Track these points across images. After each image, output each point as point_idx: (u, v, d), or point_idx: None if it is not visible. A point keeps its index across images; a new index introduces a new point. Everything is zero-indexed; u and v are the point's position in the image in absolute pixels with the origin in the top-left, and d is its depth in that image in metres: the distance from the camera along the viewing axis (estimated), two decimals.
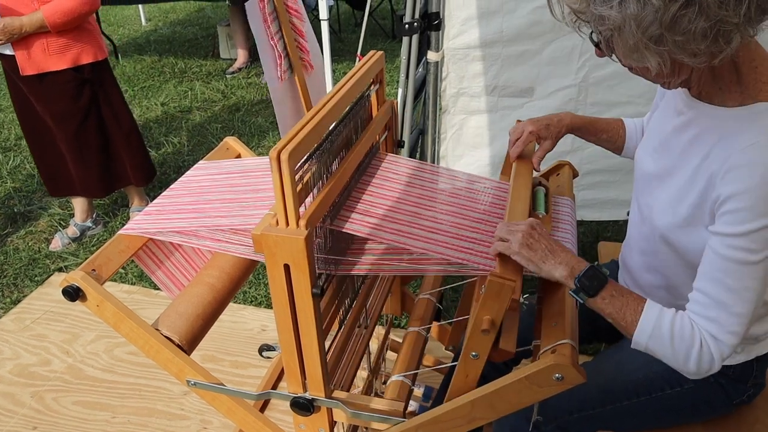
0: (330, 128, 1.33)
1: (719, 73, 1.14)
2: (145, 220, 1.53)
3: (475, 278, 1.33)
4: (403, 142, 2.24)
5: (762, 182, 1.05)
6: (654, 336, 1.14)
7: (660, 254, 1.32)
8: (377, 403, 1.39)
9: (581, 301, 1.17)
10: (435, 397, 1.83)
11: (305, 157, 1.24)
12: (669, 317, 1.14)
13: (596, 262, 1.20)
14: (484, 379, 1.63)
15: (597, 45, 1.15)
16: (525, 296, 1.13)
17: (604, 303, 1.16)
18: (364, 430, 1.70)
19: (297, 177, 1.19)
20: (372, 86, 1.58)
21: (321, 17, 3.39)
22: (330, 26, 3.57)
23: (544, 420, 1.40)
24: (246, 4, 2.19)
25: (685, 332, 1.13)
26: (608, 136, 1.59)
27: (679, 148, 1.25)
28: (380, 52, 1.58)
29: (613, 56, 1.16)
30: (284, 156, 1.11)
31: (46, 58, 2.80)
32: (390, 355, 1.96)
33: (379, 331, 1.86)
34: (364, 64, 1.50)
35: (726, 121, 1.15)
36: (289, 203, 1.16)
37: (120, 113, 3.15)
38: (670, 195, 1.25)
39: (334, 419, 1.46)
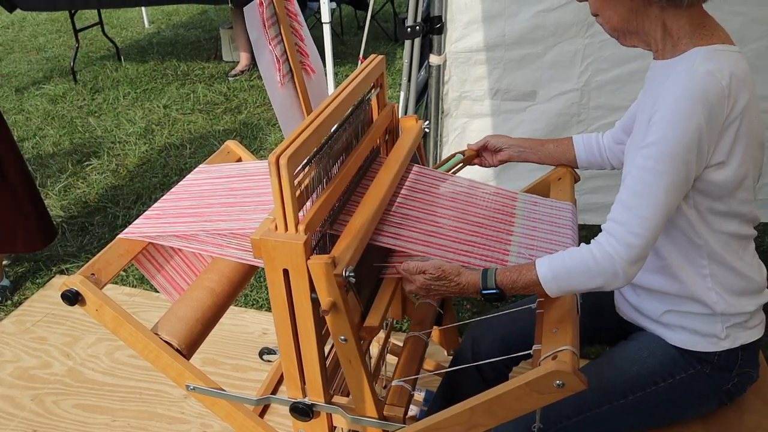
0: (330, 132, 1.33)
1: (669, 31, 1.26)
2: (145, 223, 1.53)
3: None
4: None
5: (676, 99, 1.17)
6: (556, 277, 1.24)
7: None
8: (377, 409, 1.38)
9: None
10: (433, 402, 1.83)
11: (304, 162, 1.24)
12: (557, 255, 1.26)
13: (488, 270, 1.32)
14: (485, 384, 1.64)
15: None
16: (349, 269, 1.19)
17: (512, 293, 1.30)
18: None
19: (296, 181, 1.19)
20: (372, 90, 1.58)
21: (323, 20, 3.39)
22: (332, 29, 3.57)
23: (544, 427, 1.39)
24: (244, 8, 2.18)
25: (573, 254, 1.24)
26: (554, 145, 1.69)
27: (641, 108, 1.37)
28: (381, 56, 1.58)
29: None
30: (283, 160, 1.11)
31: None
32: (390, 359, 1.95)
33: (380, 335, 1.85)
34: (364, 68, 1.50)
35: (670, 68, 1.26)
36: (288, 208, 1.15)
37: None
38: (634, 149, 1.33)
39: (334, 424, 1.46)
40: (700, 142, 1.18)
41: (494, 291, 1.28)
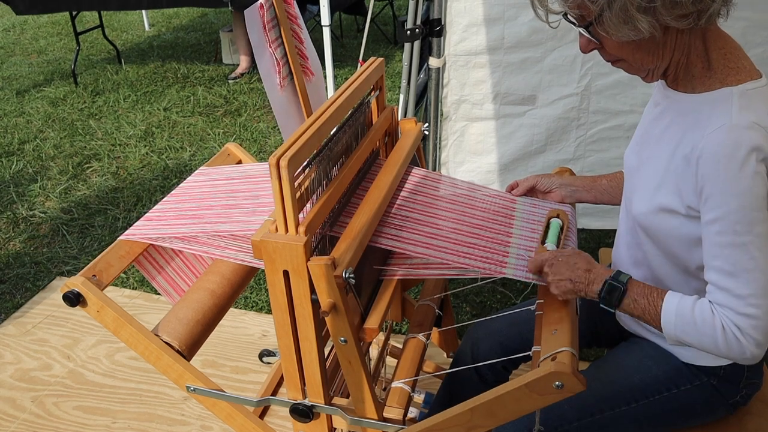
0: (330, 135, 1.34)
1: (693, 60, 1.19)
2: (146, 225, 1.54)
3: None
4: None
5: (728, 164, 1.09)
6: (678, 325, 1.17)
7: (642, 245, 1.34)
8: (377, 410, 1.39)
9: (612, 311, 1.25)
10: (433, 403, 1.83)
11: (305, 164, 1.24)
12: (689, 304, 1.17)
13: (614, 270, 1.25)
14: (485, 385, 1.64)
15: (588, 27, 1.18)
16: (349, 270, 1.19)
17: (629, 308, 1.22)
18: None
19: (296, 183, 1.19)
20: (372, 92, 1.59)
21: (323, 23, 3.40)
22: (332, 32, 3.58)
23: (545, 430, 1.39)
24: (245, 11, 2.19)
25: (705, 315, 1.15)
26: (608, 180, 1.60)
27: (655, 137, 1.30)
28: (380, 59, 1.58)
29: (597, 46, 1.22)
30: (284, 162, 1.11)
31: None
32: (390, 360, 1.96)
33: (379, 336, 1.86)
34: (364, 71, 1.51)
35: (694, 107, 1.20)
36: (288, 210, 1.16)
37: None
38: (646, 183, 1.28)
39: (334, 426, 1.46)
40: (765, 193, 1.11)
41: (620, 285, 1.21)
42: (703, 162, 1.13)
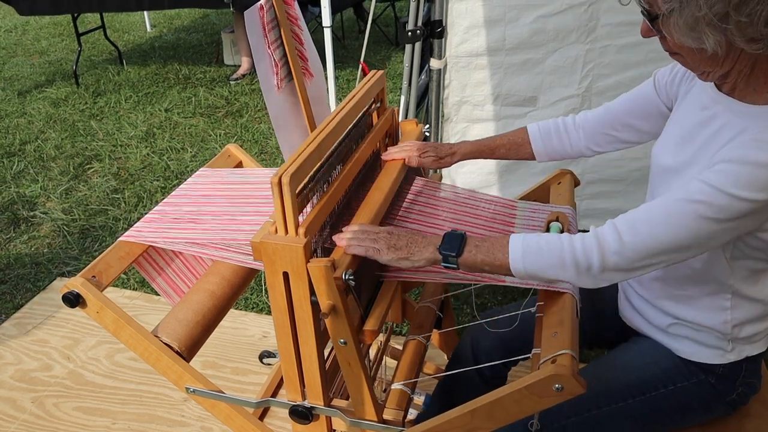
0: (331, 149, 1.34)
1: (756, 73, 1.15)
2: (146, 227, 1.54)
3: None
4: None
5: (757, 160, 1.06)
6: (526, 255, 1.18)
7: None
8: (377, 412, 1.38)
9: (455, 267, 1.23)
10: (430, 405, 1.83)
11: (306, 179, 1.24)
12: (534, 236, 1.20)
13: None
14: (483, 382, 1.64)
15: (652, 19, 1.15)
16: (349, 272, 1.18)
17: (473, 254, 1.21)
18: None
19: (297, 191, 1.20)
20: (373, 105, 1.59)
21: (324, 24, 3.41)
22: (333, 33, 3.58)
23: (541, 426, 1.39)
24: (245, 12, 2.19)
25: (551, 239, 1.18)
26: (506, 149, 1.61)
27: (701, 141, 1.26)
28: (381, 71, 1.58)
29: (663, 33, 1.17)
30: (285, 179, 1.12)
31: None
32: (390, 362, 1.95)
33: (379, 338, 1.85)
34: (364, 85, 1.50)
35: (751, 117, 1.17)
36: (288, 211, 1.16)
37: None
38: (673, 163, 1.27)
39: (333, 427, 1.46)
40: (759, 212, 1.10)
41: (459, 234, 1.22)
42: (733, 145, 1.11)
